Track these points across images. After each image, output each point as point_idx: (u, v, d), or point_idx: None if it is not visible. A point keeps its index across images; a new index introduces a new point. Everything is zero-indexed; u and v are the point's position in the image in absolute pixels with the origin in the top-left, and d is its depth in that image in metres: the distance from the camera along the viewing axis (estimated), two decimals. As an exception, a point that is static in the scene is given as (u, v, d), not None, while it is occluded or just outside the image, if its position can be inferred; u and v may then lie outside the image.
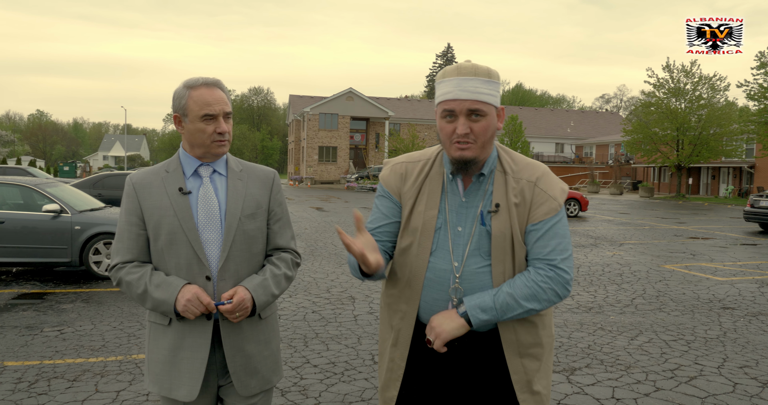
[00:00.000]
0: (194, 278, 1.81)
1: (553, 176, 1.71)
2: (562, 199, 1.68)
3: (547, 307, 1.63)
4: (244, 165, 1.95)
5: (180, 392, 1.81)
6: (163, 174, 1.86)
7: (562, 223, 1.66)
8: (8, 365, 4.24)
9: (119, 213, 1.88)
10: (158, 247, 1.82)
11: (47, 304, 6.11)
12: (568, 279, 1.62)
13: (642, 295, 6.92)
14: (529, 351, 1.68)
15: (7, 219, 7.36)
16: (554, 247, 1.62)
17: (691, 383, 4.03)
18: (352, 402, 3.62)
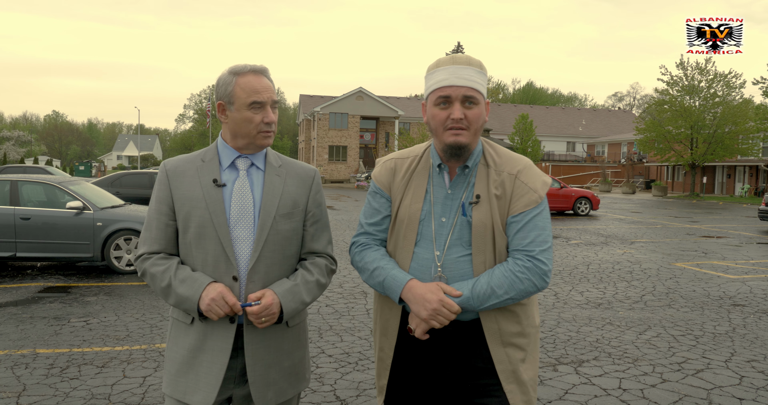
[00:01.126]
0: (220, 277, 1.70)
1: (535, 169, 1.75)
2: (543, 192, 1.70)
3: (525, 297, 1.65)
4: (284, 160, 1.85)
5: (195, 397, 1.71)
6: (198, 163, 1.76)
7: (542, 216, 1.69)
8: (40, 352, 4.45)
9: (150, 200, 1.79)
10: (186, 240, 1.73)
11: (72, 297, 6.33)
12: (545, 270, 1.64)
13: (651, 292, 7.00)
14: (512, 340, 1.69)
15: (32, 216, 7.61)
16: (533, 239, 1.65)
17: (698, 376, 4.13)
18: (366, 389, 3.78)
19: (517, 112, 59.79)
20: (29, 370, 4.07)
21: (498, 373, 1.67)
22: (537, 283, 1.64)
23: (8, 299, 6.19)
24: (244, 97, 1.70)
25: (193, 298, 1.65)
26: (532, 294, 1.66)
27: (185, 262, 1.75)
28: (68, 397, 3.61)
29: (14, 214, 7.60)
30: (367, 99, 50.68)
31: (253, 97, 1.69)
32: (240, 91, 1.70)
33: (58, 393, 3.66)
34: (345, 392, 3.72)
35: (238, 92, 1.70)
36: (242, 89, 1.70)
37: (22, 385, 3.79)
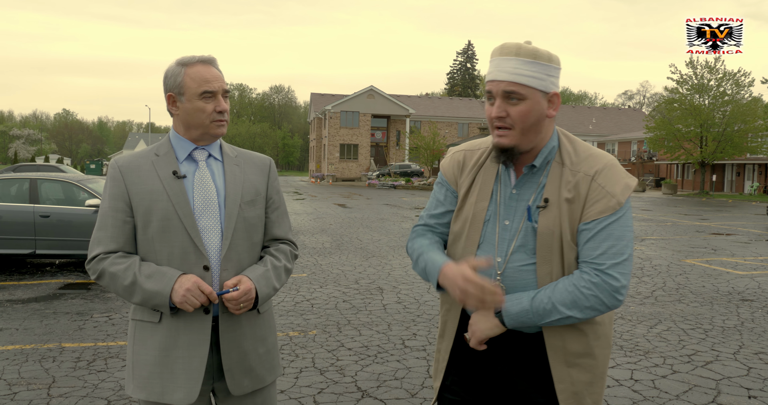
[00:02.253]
0: (190, 268, 1.67)
1: (617, 170, 1.53)
2: (624, 197, 1.50)
3: (592, 315, 1.47)
4: (238, 151, 1.86)
5: (175, 396, 1.66)
6: (152, 157, 1.73)
7: (620, 224, 1.49)
8: (66, 346, 4.60)
9: (102, 199, 1.74)
10: (148, 236, 1.68)
11: (93, 293, 6.49)
12: (617, 287, 1.45)
13: (662, 288, 7.07)
14: (578, 361, 1.53)
15: (52, 213, 7.78)
16: (605, 250, 1.46)
17: (707, 367, 4.22)
18: (386, 380, 3.90)
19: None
20: (57, 363, 4.22)
21: (557, 393, 1.53)
22: (607, 300, 1.45)
23: (30, 295, 6.36)
24: (194, 87, 1.68)
25: (163, 292, 1.60)
26: (600, 313, 1.47)
27: (146, 258, 1.70)
28: (97, 388, 3.75)
29: (34, 212, 7.78)
30: (378, 97, 50.80)
31: (203, 86, 1.68)
32: (190, 81, 1.68)
33: (87, 384, 3.81)
34: (366, 383, 3.84)
35: (188, 82, 1.68)
36: (192, 79, 1.68)
37: (51, 377, 3.94)
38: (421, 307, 5.93)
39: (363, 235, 12.11)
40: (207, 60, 1.72)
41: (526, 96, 1.48)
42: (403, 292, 6.66)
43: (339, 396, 3.62)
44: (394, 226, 13.80)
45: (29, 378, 3.90)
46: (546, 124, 1.54)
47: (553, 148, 1.56)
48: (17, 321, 5.31)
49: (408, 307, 5.96)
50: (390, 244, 10.65)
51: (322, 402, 3.54)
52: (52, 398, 3.57)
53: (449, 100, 62.14)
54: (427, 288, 6.90)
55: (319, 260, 8.82)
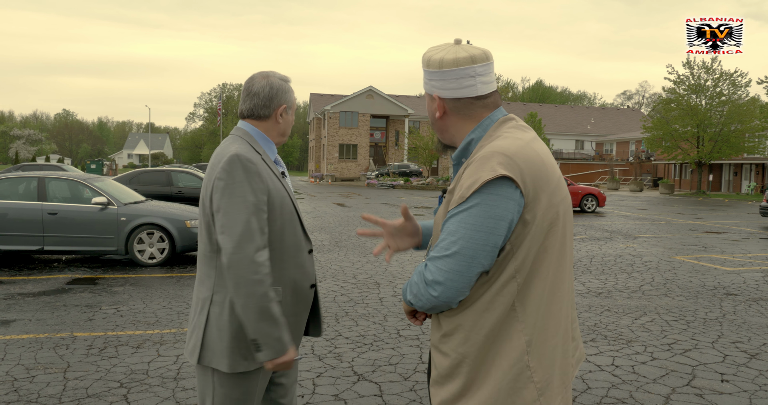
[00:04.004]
0: (302, 252, 1.95)
1: (485, 162, 1.39)
2: (469, 191, 1.38)
3: (422, 304, 1.41)
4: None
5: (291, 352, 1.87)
6: (258, 155, 1.89)
7: (457, 218, 1.38)
8: (78, 335, 4.84)
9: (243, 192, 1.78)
10: (277, 227, 1.86)
11: (100, 287, 6.74)
12: (429, 280, 1.37)
13: (650, 283, 7.32)
14: (434, 354, 1.50)
15: (59, 211, 8.02)
16: (438, 243, 1.40)
17: (686, 354, 4.46)
18: (381, 365, 4.14)
19: (526, 110, 59.92)
20: (70, 350, 4.46)
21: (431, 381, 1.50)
22: (423, 292, 1.39)
23: (40, 289, 6.60)
24: (294, 104, 2.00)
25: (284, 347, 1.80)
26: (427, 305, 1.40)
27: (272, 246, 1.85)
28: (109, 372, 3.99)
29: (42, 210, 8.02)
30: (377, 98, 51.06)
31: (295, 104, 2.01)
32: (294, 98, 1.98)
33: (100, 369, 4.05)
34: (362, 368, 4.08)
35: (293, 100, 1.98)
36: (294, 98, 1.99)
37: (66, 362, 4.18)
38: (417, 301, 6.16)
39: (362, 233, 12.33)
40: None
41: (426, 99, 1.62)
42: (399, 286, 6.91)
43: (336, 379, 3.87)
44: (392, 225, 14.04)
45: (45, 363, 4.14)
46: (447, 123, 1.57)
47: (470, 141, 1.53)
48: (30, 312, 5.56)
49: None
50: (388, 242, 10.88)
51: (320, 384, 3.78)
52: (69, 381, 3.81)
53: (448, 100, 62.26)
54: (422, 283, 7.14)
55: (318, 257, 9.07)
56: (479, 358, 1.41)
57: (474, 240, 1.35)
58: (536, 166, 1.41)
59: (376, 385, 3.78)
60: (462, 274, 1.35)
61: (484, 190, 1.36)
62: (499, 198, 1.36)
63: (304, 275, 1.96)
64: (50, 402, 3.48)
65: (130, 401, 3.51)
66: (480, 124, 1.54)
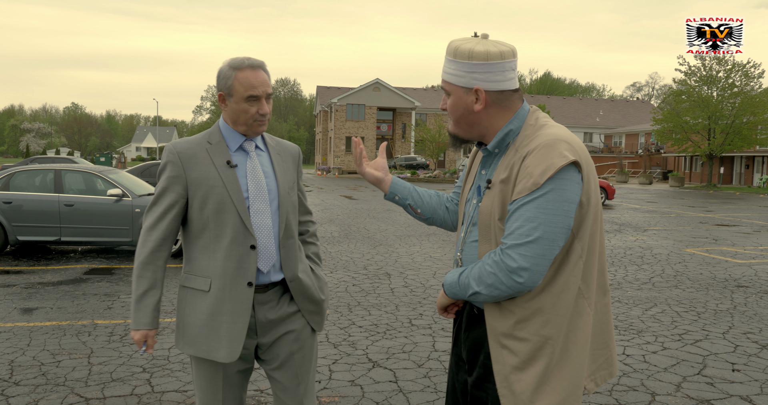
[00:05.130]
0: (238, 245, 1.88)
1: (550, 149, 1.47)
2: (543, 177, 1.44)
3: (497, 294, 1.48)
4: (275, 140, 2.10)
5: (219, 353, 1.89)
6: (206, 145, 1.92)
7: (534, 205, 1.44)
8: (98, 323, 4.96)
9: (159, 179, 1.94)
10: (204, 216, 1.89)
11: (117, 277, 6.86)
12: (514, 268, 1.43)
13: (660, 275, 7.35)
14: (505, 342, 1.52)
15: (75, 202, 8.15)
16: (513, 231, 1.45)
17: (696, 344, 4.51)
18: (395, 353, 4.22)
19: (534, 102, 59.64)
20: (92, 337, 4.58)
21: (494, 374, 1.54)
22: (504, 280, 1.45)
23: (59, 278, 6.73)
24: (242, 91, 1.86)
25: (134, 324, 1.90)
26: (505, 292, 1.46)
27: (200, 235, 1.92)
28: (132, 358, 4.10)
29: (59, 201, 8.15)
30: (384, 90, 50.99)
31: (250, 91, 1.86)
32: (238, 85, 1.86)
33: (123, 355, 4.16)
34: (376, 355, 4.17)
35: (237, 86, 1.86)
36: (240, 84, 1.86)
37: (89, 348, 4.29)
38: (427, 291, 6.24)
39: (370, 225, 12.43)
40: (256, 64, 1.89)
41: (450, 91, 1.62)
42: (409, 277, 6.98)
43: (352, 366, 3.95)
44: (400, 217, 14.11)
45: (70, 349, 4.26)
46: (482, 116, 1.60)
47: (510, 131, 1.60)
48: (51, 301, 5.68)
49: (414, 290, 6.28)
50: (396, 234, 10.96)
51: (336, 370, 3.87)
52: (93, 365, 3.93)
53: (456, 92, 62.07)
54: (432, 274, 7.21)
55: (328, 248, 9.16)
56: (561, 338, 1.50)
57: (553, 224, 1.44)
58: (585, 151, 1.54)
59: (391, 371, 3.87)
60: (546, 258, 1.44)
61: (557, 175, 1.45)
62: (569, 182, 1.46)
63: (240, 270, 1.88)
64: (77, 385, 3.59)
65: (153, 385, 3.61)
66: (516, 115, 1.61)
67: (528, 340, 1.50)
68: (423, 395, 3.49)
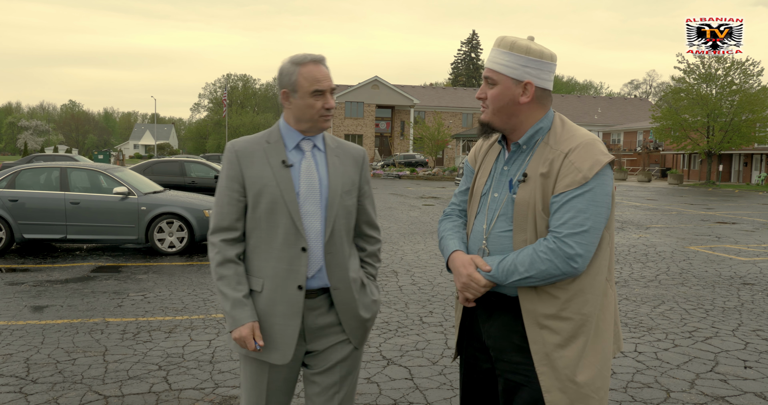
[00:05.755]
0: (289, 247, 1.85)
1: (591, 148, 1.66)
2: (591, 172, 1.61)
3: (550, 278, 1.61)
4: (338, 142, 2.02)
5: (272, 355, 1.87)
6: (264, 144, 1.91)
7: (584, 197, 1.61)
8: (110, 320, 4.97)
9: (219, 178, 1.93)
10: (256, 215, 1.87)
11: (125, 275, 6.86)
12: (572, 254, 1.58)
13: (666, 272, 7.38)
14: (547, 323, 1.65)
15: (81, 200, 8.15)
16: (566, 221, 1.60)
17: (707, 342, 4.55)
18: (408, 351, 4.24)
19: (531, 100, 59.61)
20: (105, 334, 4.59)
21: (532, 354, 1.66)
22: (560, 266, 1.59)
23: (66, 276, 6.74)
24: (307, 85, 1.84)
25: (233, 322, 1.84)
26: (558, 277, 1.61)
27: (252, 234, 1.89)
28: (147, 356, 4.11)
29: (65, 199, 8.14)
30: (383, 88, 50.96)
31: (315, 85, 1.84)
32: (303, 80, 1.84)
33: (137, 353, 4.17)
34: (390, 353, 4.19)
35: (301, 81, 1.84)
36: (305, 78, 1.84)
37: (103, 346, 4.30)
38: (435, 289, 6.26)
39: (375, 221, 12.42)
40: (318, 59, 1.88)
41: (497, 81, 1.70)
42: (416, 275, 7.00)
43: (367, 363, 3.97)
44: (402, 215, 14.12)
45: (84, 347, 4.27)
46: (523, 108, 1.72)
47: (540, 129, 1.73)
48: (60, 299, 5.69)
49: (423, 288, 6.30)
50: (400, 232, 10.98)
51: (353, 368, 3.88)
52: (109, 363, 3.94)
53: (453, 90, 62.15)
54: (439, 271, 7.23)
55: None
56: (597, 315, 1.68)
57: (599, 215, 1.63)
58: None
59: (406, 369, 3.89)
60: (594, 244, 1.63)
61: (601, 171, 1.65)
62: (608, 178, 1.67)
63: (290, 273, 1.86)
64: (95, 383, 3.61)
65: (170, 383, 3.62)
66: (547, 115, 1.77)
67: (571, 318, 1.65)
68: (440, 392, 3.51)
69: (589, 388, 1.64)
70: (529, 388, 1.67)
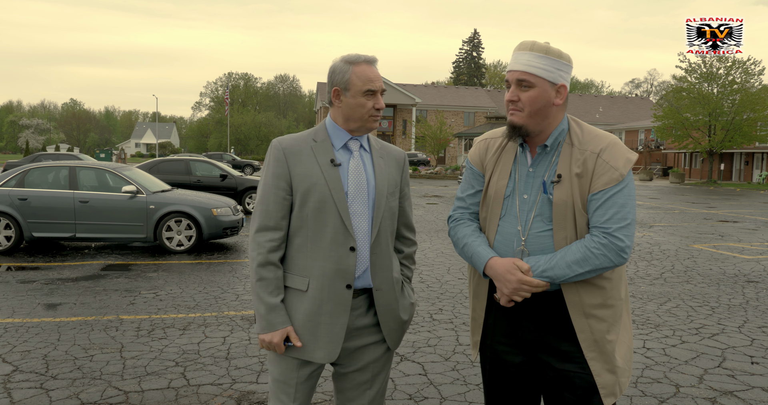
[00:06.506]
0: (338, 247, 1.85)
1: (619, 147, 1.77)
2: (626, 169, 1.73)
3: (602, 272, 1.71)
4: (381, 143, 2.04)
5: (317, 354, 1.87)
6: (311, 143, 1.90)
7: (623, 193, 1.72)
8: (124, 318, 5.03)
9: (264, 176, 1.91)
10: (303, 214, 1.86)
11: (135, 273, 6.93)
12: (623, 247, 1.68)
13: (671, 270, 7.44)
14: (594, 312, 1.74)
15: (90, 199, 8.21)
16: (611, 216, 1.69)
17: (714, 338, 4.61)
18: (420, 347, 4.31)
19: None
20: (120, 332, 4.65)
21: (580, 342, 1.74)
22: (613, 258, 1.69)
23: (77, 275, 6.80)
24: (359, 85, 1.85)
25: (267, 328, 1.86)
26: (609, 269, 1.71)
27: (297, 233, 1.88)
28: (163, 352, 4.17)
29: (74, 198, 8.21)
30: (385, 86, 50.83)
31: (368, 85, 1.86)
32: (356, 79, 1.85)
33: (153, 349, 4.23)
34: (402, 349, 4.25)
35: (354, 80, 1.85)
36: (358, 78, 1.85)
37: (119, 343, 4.37)
38: (444, 286, 6.33)
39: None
40: (371, 60, 1.90)
41: (534, 84, 1.74)
42: (424, 273, 7.06)
43: (381, 359, 4.03)
44: (408, 213, 14.18)
45: (100, 344, 4.33)
46: (554, 110, 1.78)
47: (562, 130, 1.81)
48: (73, 297, 5.75)
49: (431, 286, 6.36)
50: (406, 230, 11.03)
51: (367, 364, 3.95)
52: (126, 360, 4.01)
53: (455, 89, 62.17)
54: (446, 269, 7.30)
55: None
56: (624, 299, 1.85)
57: (634, 207, 1.78)
58: None
59: (419, 365, 3.95)
60: (634, 235, 1.76)
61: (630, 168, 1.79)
62: (632, 173, 1.82)
63: (338, 272, 1.85)
64: (114, 379, 3.67)
65: (188, 378, 3.69)
66: (565, 116, 1.86)
67: (614, 305, 1.78)
68: (453, 387, 3.58)
69: (626, 363, 1.80)
70: (581, 373, 1.76)
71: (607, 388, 1.75)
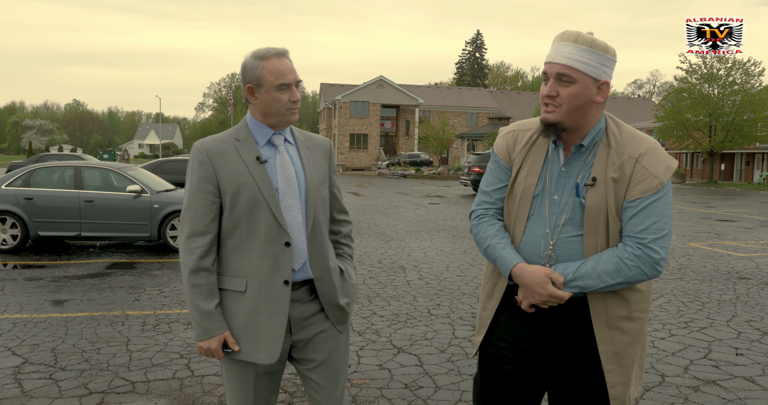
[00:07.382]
0: (273, 243, 1.83)
1: (660, 152, 1.65)
2: (666, 177, 1.62)
3: (633, 284, 1.63)
4: (304, 134, 2.01)
5: (259, 355, 1.84)
6: (234, 142, 1.87)
7: (661, 202, 1.62)
8: (129, 313, 5.19)
9: (189, 180, 1.87)
10: (235, 214, 1.83)
11: (139, 271, 7.09)
12: (658, 259, 1.59)
13: (665, 268, 7.57)
14: (619, 324, 1.67)
15: (95, 198, 8.38)
16: (648, 226, 1.60)
17: (702, 331, 4.74)
18: (417, 340, 4.45)
19: (536, 100, 59.82)
20: (126, 326, 4.80)
21: (600, 353, 1.67)
22: (647, 271, 1.61)
23: (83, 272, 6.96)
24: (272, 79, 1.82)
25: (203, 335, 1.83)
26: (641, 281, 1.63)
27: (231, 235, 1.85)
28: (168, 345, 4.32)
29: (79, 197, 8.37)
30: (388, 87, 51.14)
31: (280, 79, 1.82)
32: (267, 74, 1.82)
33: (159, 343, 4.38)
34: (400, 342, 4.40)
35: (266, 75, 1.82)
36: (270, 73, 1.82)
37: (125, 337, 4.52)
38: (442, 283, 6.47)
39: (380, 220, 12.65)
40: (281, 53, 1.86)
41: (576, 79, 1.60)
42: (423, 270, 7.21)
43: (378, 351, 4.18)
44: (408, 213, 14.33)
45: (107, 338, 4.49)
46: (594, 108, 1.65)
47: (600, 130, 1.69)
48: (79, 293, 5.91)
49: (430, 282, 6.51)
50: (406, 229, 11.18)
51: (364, 355, 4.10)
52: (132, 352, 4.16)
53: (458, 89, 62.28)
54: (445, 267, 7.44)
55: (341, 243, 9.37)
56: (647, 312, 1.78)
57: (671, 217, 1.66)
58: None
59: (416, 356, 4.09)
60: (669, 246, 1.67)
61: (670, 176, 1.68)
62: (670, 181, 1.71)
63: (275, 269, 1.83)
64: (120, 370, 3.82)
65: (192, 369, 3.84)
66: (603, 115, 1.73)
67: (640, 318, 1.71)
68: (448, 377, 3.72)
69: (639, 373, 1.76)
70: (595, 383, 1.71)
71: (619, 400, 1.70)
